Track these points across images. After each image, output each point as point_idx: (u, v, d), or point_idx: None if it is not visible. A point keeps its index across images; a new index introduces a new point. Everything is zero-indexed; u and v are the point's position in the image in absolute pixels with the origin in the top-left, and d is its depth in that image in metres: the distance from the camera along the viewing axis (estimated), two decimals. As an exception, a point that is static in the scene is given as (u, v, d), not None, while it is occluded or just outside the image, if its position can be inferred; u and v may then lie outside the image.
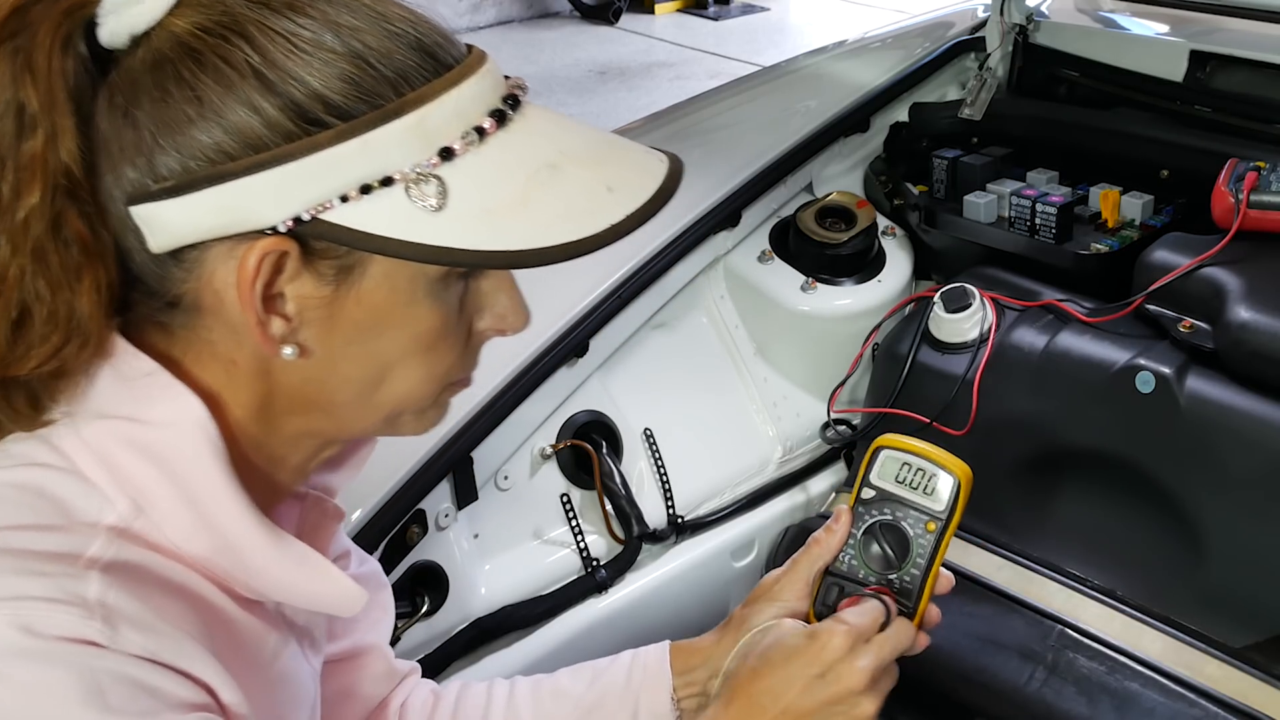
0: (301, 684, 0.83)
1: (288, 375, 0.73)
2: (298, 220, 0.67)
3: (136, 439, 0.70)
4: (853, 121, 1.88)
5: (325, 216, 0.67)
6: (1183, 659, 1.34)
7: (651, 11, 7.38)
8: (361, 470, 0.91)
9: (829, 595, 0.95)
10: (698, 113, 2.01)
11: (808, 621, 0.95)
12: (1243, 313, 1.37)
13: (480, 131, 0.69)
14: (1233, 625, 1.36)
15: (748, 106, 2.02)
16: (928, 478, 0.93)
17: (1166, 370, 1.41)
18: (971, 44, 1.98)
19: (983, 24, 1.95)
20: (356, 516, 1.32)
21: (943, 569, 0.94)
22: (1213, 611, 1.37)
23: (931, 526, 0.92)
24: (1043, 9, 1.93)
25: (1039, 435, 1.52)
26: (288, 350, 0.71)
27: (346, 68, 0.67)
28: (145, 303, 0.72)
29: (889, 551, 0.93)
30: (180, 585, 0.71)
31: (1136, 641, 1.37)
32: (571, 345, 1.53)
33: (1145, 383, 1.42)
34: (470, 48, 0.74)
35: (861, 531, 0.94)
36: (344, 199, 0.67)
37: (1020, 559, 1.50)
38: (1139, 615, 1.40)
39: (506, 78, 0.74)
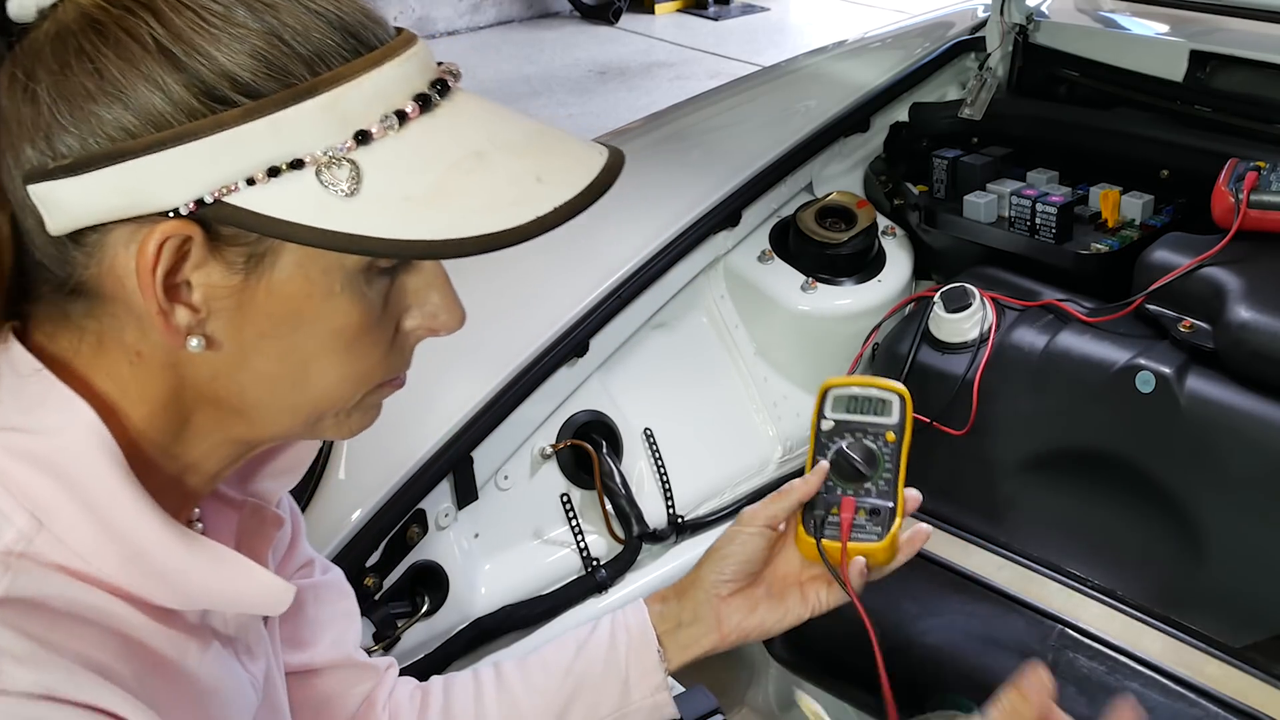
0: (238, 694, 0.79)
1: (196, 369, 0.69)
2: (200, 203, 0.64)
3: (28, 449, 0.67)
4: (853, 121, 1.88)
5: (230, 199, 0.64)
6: (1183, 659, 1.34)
7: (651, 11, 7.38)
8: (300, 476, 0.88)
9: (815, 509, 1.01)
10: (698, 113, 2.01)
11: (796, 543, 1.02)
12: (1243, 313, 1.37)
13: (401, 116, 0.66)
14: (1233, 625, 1.36)
15: (748, 106, 2.01)
16: (875, 402, 1.04)
17: (1166, 370, 1.41)
18: (971, 44, 1.98)
19: (983, 24, 1.95)
20: (356, 516, 1.32)
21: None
22: (1213, 611, 1.37)
23: (891, 436, 1.02)
24: (1043, 9, 1.93)
25: (1039, 435, 1.52)
26: (194, 342, 0.67)
27: (258, 44, 0.64)
28: (48, 293, 0.69)
29: (859, 464, 1.01)
30: (84, 609, 0.67)
31: (1136, 641, 1.37)
32: (571, 345, 1.53)
33: (1145, 383, 1.42)
34: (400, 30, 0.70)
35: (828, 458, 1.03)
36: (250, 181, 0.63)
37: (1020, 559, 1.50)
38: (1139, 615, 1.40)
39: (439, 64, 0.71)
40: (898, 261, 1.80)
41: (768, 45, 6.48)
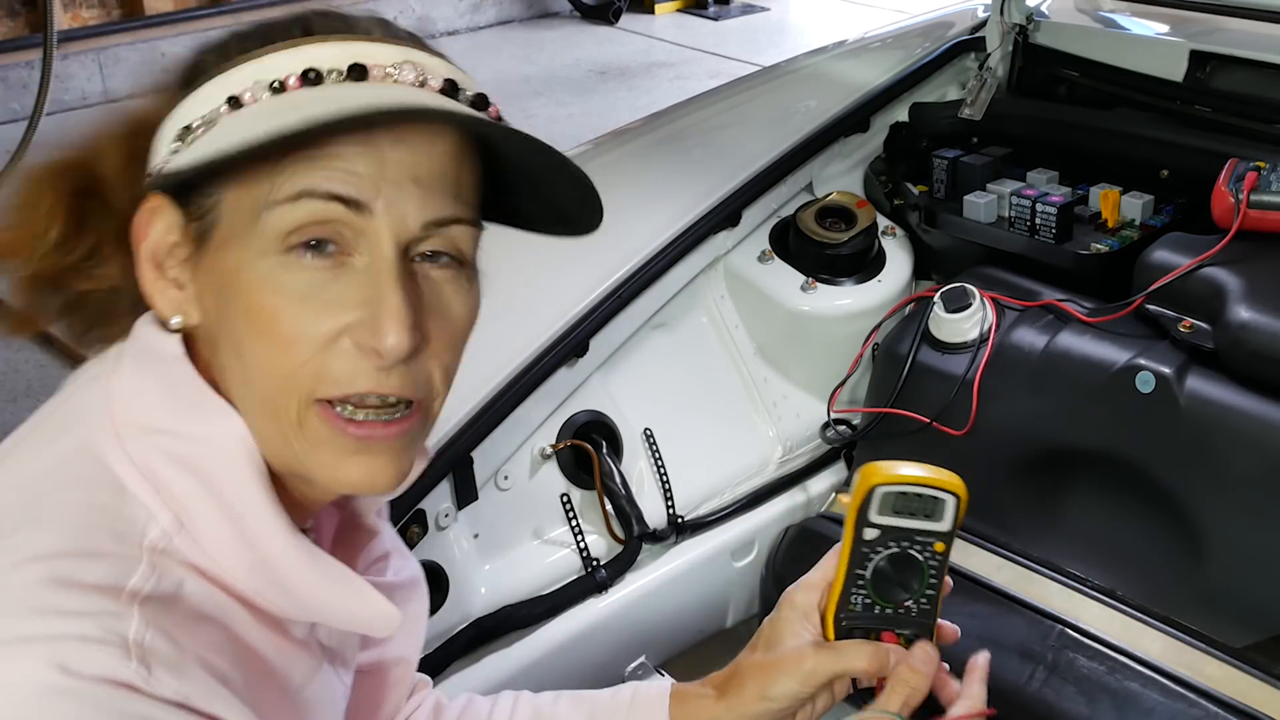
0: (333, 705, 0.83)
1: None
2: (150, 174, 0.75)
3: (178, 453, 0.72)
4: (853, 121, 1.88)
5: (158, 169, 0.74)
6: (1183, 659, 1.34)
7: (651, 11, 7.37)
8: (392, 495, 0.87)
9: (843, 618, 0.92)
10: (698, 113, 2.01)
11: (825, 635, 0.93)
12: (1243, 313, 1.37)
13: (279, 86, 0.72)
14: (1233, 625, 1.36)
15: (748, 106, 2.01)
16: (927, 502, 0.89)
17: (1166, 370, 1.41)
18: (971, 44, 1.98)
19: (983, 24, 1.95)
20: (356, 516, 1.32)
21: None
22: (1213, 611, 1.37)
23: (940, 547, 0.90)
24: (1043, 9, 1.93)
25: (1039, 435, 1.52)
26: (175, 319, 0.75)
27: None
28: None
29: (903, 581, 0.91)
30: (214, 612, 0.71)
31: (1136, 641, 1.37)
32: (571, 345, 1.52)
33: (1145, 383, 1.42)
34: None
35: (870, 571, 0.90)
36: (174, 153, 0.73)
37: (1020, 559, 1.50)
38: (1139, 615, 1.40)
39: (485, 98, 0.77)
40: (898, 261, 1.80)
41: (768, 45, 6.47)
